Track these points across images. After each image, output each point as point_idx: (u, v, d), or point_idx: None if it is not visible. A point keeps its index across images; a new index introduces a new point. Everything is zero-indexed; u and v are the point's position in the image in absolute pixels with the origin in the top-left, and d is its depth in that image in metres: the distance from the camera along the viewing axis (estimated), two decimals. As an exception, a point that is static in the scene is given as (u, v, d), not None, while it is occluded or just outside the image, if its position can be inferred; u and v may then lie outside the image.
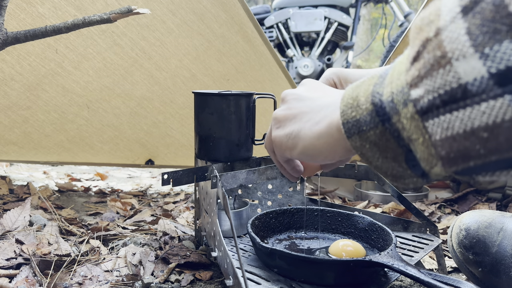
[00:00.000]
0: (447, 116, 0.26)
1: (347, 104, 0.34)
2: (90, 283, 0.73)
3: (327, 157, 0.40)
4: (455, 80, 0.26)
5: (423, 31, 0.28)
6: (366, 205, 1.28)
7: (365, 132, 0.33)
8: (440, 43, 0.26)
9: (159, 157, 1.59)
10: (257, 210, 0.92)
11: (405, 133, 0.30)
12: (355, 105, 0.33)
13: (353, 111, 0.34)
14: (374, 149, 0.33)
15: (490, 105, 0.24)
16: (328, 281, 0.58)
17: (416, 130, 0.29)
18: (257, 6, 3.35)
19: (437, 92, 0.27)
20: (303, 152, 0.42)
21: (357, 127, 0.33)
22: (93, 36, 1.16)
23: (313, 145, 0.40)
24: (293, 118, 0.43)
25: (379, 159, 0.33)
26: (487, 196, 1.31)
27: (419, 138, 0.29)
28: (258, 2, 7.44)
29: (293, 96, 0.45)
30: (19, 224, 0.94)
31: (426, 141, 0.28)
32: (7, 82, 1.18)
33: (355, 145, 0.34)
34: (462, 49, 0.25)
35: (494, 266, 0.66)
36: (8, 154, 1.44)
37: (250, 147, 0.86)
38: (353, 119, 0.33)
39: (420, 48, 0.28)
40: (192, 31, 1.23)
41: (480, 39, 0.24)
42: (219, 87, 1.40)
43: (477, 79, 0.25)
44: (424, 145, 0.29)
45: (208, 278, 0.76)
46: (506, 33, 0.24)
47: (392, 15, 3.08)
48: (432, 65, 0.27)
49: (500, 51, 0.24)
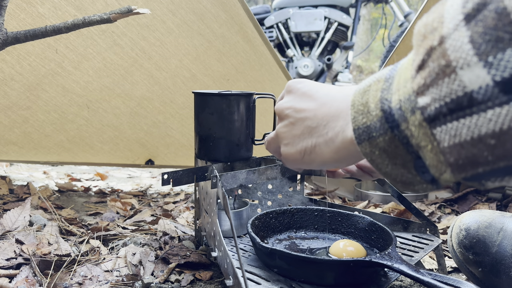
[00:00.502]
0: (454, 124, 0.27)
1: (357, 111, 0.35)
2: (90, 283, 0.73)
3: (348, 164, 0.41)
4: (460, 88, 0.26)
5: (427, 38, 0.28)
6: (366, 205, 1.28)
7: (374, 138, 0.33)
8: (444, 52, 0.26)
9: (159, 157, 1.59)
10: (257, 210, 0.92)
11: (413, 140, 0.30)
12: (366, 111, 0.34)
13: (363, 117, 0.34)
14: (383, 155, 0.33)
15: (496, 113, 0.25)
16: (328, 281, 0.58)
17: (424, 137, 0.29)
18: (257, 6, 3.35)
19: (443, 100, 0.27)
20: (323, 165, 0.43)
21: (367, 134, 0.33)
22: (93, 36, 1.16)
23: (333, 159, 0.41)
24: (301, 134, 0.43)
25: (388, 165, 0.33)
26: (487, 196, 1.31)
27: (428, 145, 0.29)
28: (258, 2, 7.44)
29: (290, 110, 0.44)
30: (19, 224, 0.94)
31: (435, 148, 0.28)
32: (7, 82, 1.18)
33: (365, 152, 0.34)
34: (466, 58, 0.25)
35: (494, 266, 0.66)
36: (8, 154, 1.44)
37: (250, 147, 0.86)
38: (363, 125, 0.34)
39: (425, 56, 0.28)
40: (192, 31, 1.23)
41: (483, 47, 0.25)
42: (219, 87, 1.40)
43: (482, 87, 0.25)
44: (432, 152, 0.29)
45: (208, 278, 0.76)
46: (509, 41, 0.24)
47: (392, 15, 3.08)
48: (437, 74, 0.27)
49: (504, 59, 0.24)
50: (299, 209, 0.79)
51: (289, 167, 0.49)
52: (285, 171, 0.84)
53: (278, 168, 0.81)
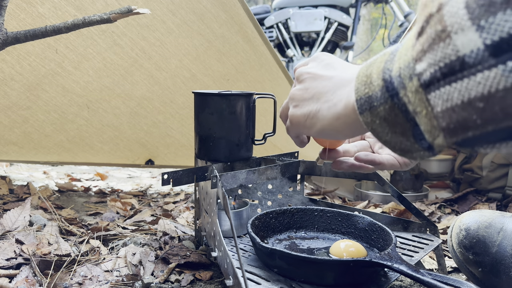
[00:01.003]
0: (446, 88, 0.27)
1: (361, 82, 0.36)
2: (90, 283, 0.73)
3: (346, 135, 0.42)
4: (454, 53, 0.27)
5: (427, 7, 0.29)
6: (366, 205, 1.28)
7: (375, 108, 0.34)
8: (441, 18, 0.27)
9: (159, 157, 1.59)
10: (257, 210, 0.92)
11: (411, 106, 0.31)
12: (368, 82, 0.35)
13: (366, 88, 0.35)
14: (383, 124, 0.34)
15: (485, 76, 0.25)
16: (328, 281, 0.58)
17: (420, 103, 0.30)
18: (257, 6, 3.35)
19: (438, 65, 0.28)
20: (321, 131, 0.44)
21: (369, 103, 0.34)
22: (93, 36, 1.16)
23: (332, 125, 0.42)
24: (310, 98, 0.44)
25: (388, 134, 0.34)
26: (487, 196, 1.31)
27: (423, 110, 0.30)
28: (258, 2, 7.44)
29: (308, 75, 0.46)
30: (19, 224, 0.94)
31: (429, 113, 0.29)
32: (7, 82, 1.18)
33: (366, 121, 0.35)
34: (461, 23, 0.26)
35: (494, 266, 0.66)
36: (8, 154, 1.44)
37: (250, 147, 0.86)
38: (365, 95, 0.35)
39: (424, 23, 0.29)
40: (192, 31, 1.23)
41: (477, 12, 0.25)
42: (219, 87, 1.40)
43: (473, 51, 0.25)
44: (427, 117, 0.30)
45: (208, 278, 0.76)
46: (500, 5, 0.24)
47: (392, 15, 3.08)
48: (434, 39, 0.28)
49: (494, 22, 0.25)
50: (299, 209, 0.79)
51: (291, 133, 0.51)
52: (285, 171, 0.84)
53: (278, 168, 0.81)
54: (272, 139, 1.43)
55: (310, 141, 0.57)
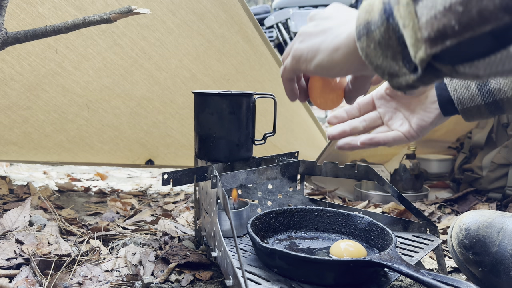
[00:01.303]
0: None
1: (363, 9, 0.37)
2: (90, 283, 0.73)
3: (341, 69, 0.43)
4: None
5: None
6: (366, 205, 1.28)
7: (372, 32, 0.36)
8: None
9: (159, 157, 1.59)
10: (257, 210, 0.92)
11: (401, 21, 0.33)
12: (370, 9, 0.36)
13: (366, 14, 0.37)
14: (377, 48, 0.36)
15: None
16: (328, 281, 0.58)
17: (409, 15, 0.31)
18: (257, 6, 3.35)
19: None
20: (319, 64, 0.44)
21: (367, 28, 0.36)
22: (93, 36, 1.16)
23: (330, 57, 0.43)
24: (318, 33, 0.45)
25: (380, 58, 0.36)
26: (487, 196, 1.31)
27: (410, 23, 0.32)
28: (258, 2, 7.45)
29: (322, 15, 0.47)
30: (19, 224, 0.94)
31: (415, 26, 0.31)
32: (7, 82, 1.18)
33: (362, 46, 0.37)
34: None
35: (494, 266, 0.66)
36: (8, 154, 1.44)
37: (250, 147, 0.86)
38: (365, 21, 0.37)
39: None
40: (192, 31, 1.23)
41: None
42: (219, 87, 1.40)
43: None
44: (413, 30, 0.31)
45: (208, 278, 0.76)
46: None
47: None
48: None
49: None
50: (299, 209, 0.79)
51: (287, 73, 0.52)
52: (285, 171, 0.84)
53: (278, 168, 0.81)
54: (272, 139, 1.43)
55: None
